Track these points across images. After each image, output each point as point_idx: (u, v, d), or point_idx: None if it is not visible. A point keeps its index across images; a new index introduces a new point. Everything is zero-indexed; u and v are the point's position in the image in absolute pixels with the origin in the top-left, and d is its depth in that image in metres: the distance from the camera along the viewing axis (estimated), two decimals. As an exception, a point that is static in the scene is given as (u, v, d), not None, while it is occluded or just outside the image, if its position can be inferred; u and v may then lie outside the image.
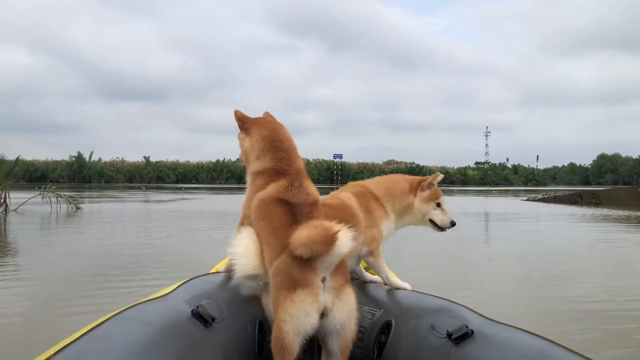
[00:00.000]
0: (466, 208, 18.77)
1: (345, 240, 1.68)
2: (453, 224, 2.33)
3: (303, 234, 1.68)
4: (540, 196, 26.34)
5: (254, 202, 1.97)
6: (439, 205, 2.34)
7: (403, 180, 2.40)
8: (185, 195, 27.83)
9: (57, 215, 13.62)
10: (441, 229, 2.34)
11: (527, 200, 25.86)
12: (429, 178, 2.34)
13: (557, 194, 25.14)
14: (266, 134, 2.06)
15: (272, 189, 1.92)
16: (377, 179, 2.43)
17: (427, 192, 2.32)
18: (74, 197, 16.54)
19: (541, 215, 15.83)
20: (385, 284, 2.27)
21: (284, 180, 1.94)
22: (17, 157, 17.67)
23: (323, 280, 1.71)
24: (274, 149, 2.03)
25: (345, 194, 2.27)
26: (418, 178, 2.38)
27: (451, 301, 1.96)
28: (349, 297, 1.77)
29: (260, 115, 2.20)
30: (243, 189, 2.17)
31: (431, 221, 2.34)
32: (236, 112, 2.14)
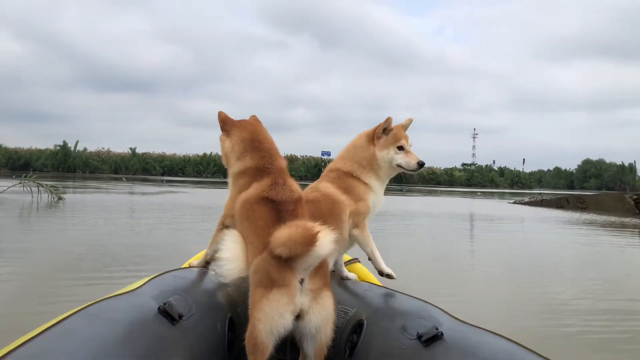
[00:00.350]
0: (453, 209, 18.84)
1: (326, 241, 1.65)
2: (420, 164, 2.27)
3: (283, 234, 1.67)
4: (527, 199, 26.53)
5: (238, 203, 1.97)
6: (400, 148, 2.28)
7: (362, 137, 2.34)
8: (169, 189, 27.55)
9: (37, 205, 13.30)
10: (409, 171, 2.30)
11: (514, 203, 26.00)
12: (381, 124, 2.28)
13: (543, 198, 25.32)
14: (246, 136, 2.09)
15: (256, 188, 1.93)
16: (343, 151, 2.38)
17: (383, 139, 2.27)
18: (56, 187, 15.98)
19: (527, 218, 15.94)
20: (369, 259, 2.24)
21: (267, 178, 1.95)
22: None
23: (301, 281, 1.68)
24: (253, 149, 2.05)
25: (322, 184, 2.26)
26: (374, 127, 2.31)
27: (425, 301, 1.95)
28: (327, 301, 1.74)
29: (249, 116, 2.20)
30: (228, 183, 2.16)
31: (399, 166, 2.29)
32: (219, 114, 2.15)
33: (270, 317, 1.64)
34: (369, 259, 2.28)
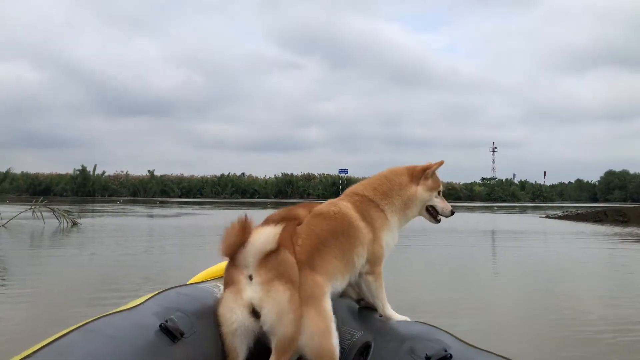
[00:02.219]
0: (483, 226, 18.01)
1: (261, 233, 1.74)
2: (452, 212, 2.32)
3: (223, 234, 1.77)
4: (560, 213, 25.32)
5: None
6: (439, 193, 2.30)
7: (401, 172, 2.28)
8: (187, 210, 27.12)
9: (48, 232, 12.59)
10: (437, 219, 2.29)
11: (546, 217, 24.82)
12: (433, 165, 2.27)
13: (579, 212, 24.09)
14: None
15: None
16: (372, 180, 2.28)
17: (430, 181, 2.25)
18: (69, 212, 15.40)
19: (566, 234, 14.91)
20: (379, 316, 2.13)
21: None
22: (7, 170, 16.90)
23: (250, 277, 1.73)
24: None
25: (343, 203, 2.15)
26: (419, 166, 2.29)
27: (433, 326, 1.95)
28: (278, 294, 1.70)
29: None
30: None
31: (428, 211, 2.29)
32: None
33: (224, 316, 1.73)
34: (380, 315, 2.13)
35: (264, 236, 1.73)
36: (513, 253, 10.19)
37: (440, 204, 2.29)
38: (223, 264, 2.25)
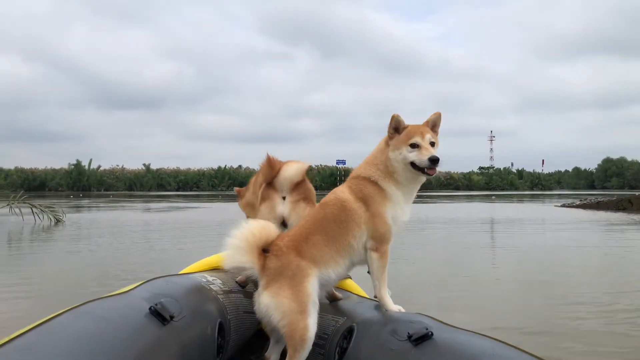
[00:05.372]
0: (498, 215, 17.10)
1: (289, 167, 2.42)
2: (433, 160, 2.03)
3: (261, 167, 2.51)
4: (578, 202, 24.44)
5: None
6: (414, 145, 2.08)
7: (382, 141, 2.20)
8: (179, 204, 26.17)
9: (20, 231, 11.58)
10: (425, 172, 2.06)
11: (562, 206, 23.89)
12: (389, 122, 2.13)
13: (599, 200, 23.26)
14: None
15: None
16: (368, 156, 2.24)
17: (395, 138, 2.11)
18: (52, 208, 14.04)
19: (596, 223, 14.15)
20: (374, 296, 2.13)
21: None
22: None
23: (284, 198, 2.41)
24: None
25: (340, 189, 2.19)
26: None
27: (417, 313, 1.96)
28: (301, 209, 2.39)
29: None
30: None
31: (413, 166, 2.08)
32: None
33: (262, 218, 2.30)
34: (374, 296, 2.13)
35: (294, 170, 2.41)
36: (563, 245, 9.45)
37: (416, 156, 2.05)
38: (210, 258, 2.59)
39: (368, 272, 2.16)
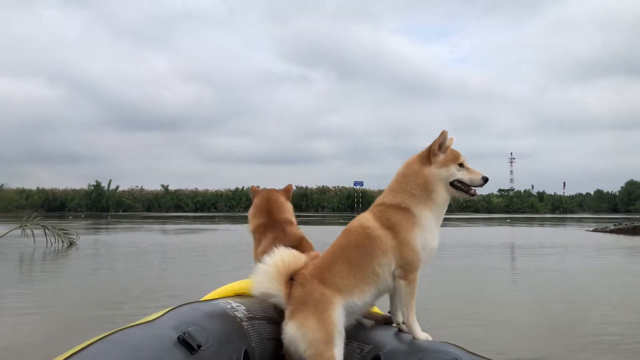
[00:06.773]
0: (523, 242, 16.44)
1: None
2: (485, 179, 2.13)
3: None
4: (612, 226, 23.48)
5: None
6: (461, 165, 2.11)
7: (412, 161, 2.17)
8: (195, 226, 25.91)
9: (33, 254, 11.21)
10: (470, 192, 2.11)
11: (594, 231, 23.01)
12: (436, 139, 2.12)
13: (636, 225, 22.34)
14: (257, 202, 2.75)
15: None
16: (391, 183, 2.18)
17: (441, 156, 2.11)
18: (65, 230, 13.96)
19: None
20: (402, 323, 2.10)
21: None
22: (1, 185, 15.46)
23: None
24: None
25: (364, 215, 2.15)
26: (427, 147, 2.15)
27: (444, 342, 1.92)
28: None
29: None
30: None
31: (455, 187, 2.10)
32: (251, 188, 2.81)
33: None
34: (402, 322, 2.09)
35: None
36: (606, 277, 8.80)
37: (467, 175, 2.12)
38: (233, 284, 2.51)
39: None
